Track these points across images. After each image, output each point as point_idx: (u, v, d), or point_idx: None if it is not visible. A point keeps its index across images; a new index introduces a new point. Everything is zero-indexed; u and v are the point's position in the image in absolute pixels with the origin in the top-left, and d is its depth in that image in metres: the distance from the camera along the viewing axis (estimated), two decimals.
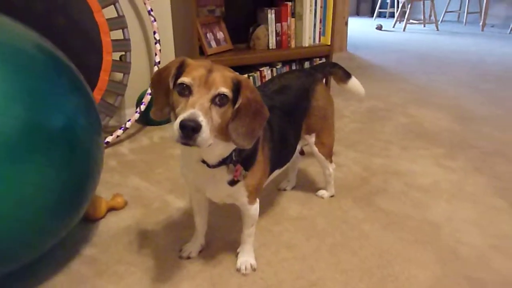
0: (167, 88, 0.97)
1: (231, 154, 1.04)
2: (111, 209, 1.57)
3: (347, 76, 1.63)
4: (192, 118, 0.85)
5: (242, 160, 1.08)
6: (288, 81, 1.42)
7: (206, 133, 0.87)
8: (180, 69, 0.96)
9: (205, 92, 0.90)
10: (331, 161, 1.59)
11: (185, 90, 0.91)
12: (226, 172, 1.07)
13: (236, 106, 0.95)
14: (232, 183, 1.09)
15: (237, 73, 0.99)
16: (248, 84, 0.98)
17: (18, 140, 0.94)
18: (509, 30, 6.69)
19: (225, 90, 0.91)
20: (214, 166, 1.05)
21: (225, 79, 0.93)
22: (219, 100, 0.91)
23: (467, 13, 7.86)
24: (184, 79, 0.92)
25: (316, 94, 1.45)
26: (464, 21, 8.02)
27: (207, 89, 0.91)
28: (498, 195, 1.69)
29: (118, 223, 1.51)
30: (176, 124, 0.86)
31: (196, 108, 0.87)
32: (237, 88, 0.95)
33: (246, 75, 2.42)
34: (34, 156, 0.97)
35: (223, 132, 0.96)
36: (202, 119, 0.86)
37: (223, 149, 1.02)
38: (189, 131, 0.84)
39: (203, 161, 1.05)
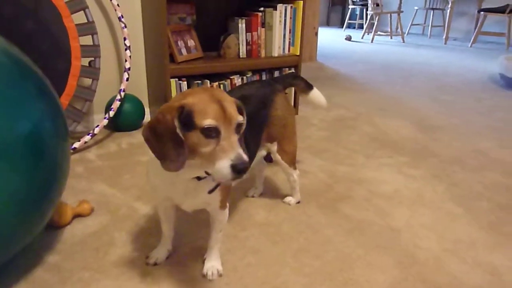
0: (174, 140, 0.94)
1: None
2: (77, 215, 1.56)
3: (309, 87, 1.69)
4: (243, 160, 0.90)
5: None
6: (248, 91, 1.46)
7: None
8: (183, 113, 0.94)
9: (229, 126, 0.95)
10: (295, 168, 1.63)
11: (213, 132, 0.93)
12: (209, 181, 1.09)
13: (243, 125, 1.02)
14: (211, 191, 1.12)
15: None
16: (241, 104, 1.05)
17: None
18: (470, 43, 7.01)
19: (241, 118, 0.98)
20: (202, 178, 1.08)
21: (234, 106, 0.98)
22: (238, 127, 0.97)
23: (432, 26, 8.20)
24: (209, 122, 0.91)
25: (276, 104, 1.50)
26: (429, 34, 8.35)
27: (230, 124, 0.95)
28: (455, 202, 1.78)
29: (84, 229, 1.50)
30: (226, 168, 0.90)
31: (236, 148, 0.92)
32: (240, 109, 1.02)
33: (217, 83, 2.45)
34: None
35: None
36: (245, 156, 0.92)
37: None
38: (243, 171, 0.90)
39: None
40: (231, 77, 2.54)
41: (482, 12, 6.55)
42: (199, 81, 2.40)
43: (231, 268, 1.31)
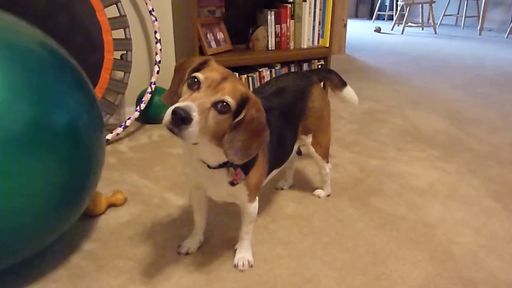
0: (182, 78, 1.01)
1: None
2: (111, 205, 1.60)
3: (343, 84, 1.66)
4: (186, 109, 0.86)
5: (242, 164, 1.08)
6: (285, 83, 1.44)
7: (193, 128, 0.87)
8: (201, 66, 1.00)
9: (211, 94, 0.92)
10: (327, 161, 1.62)
11: (195, 85, 0.94)
12: (226, 174, 1.10)
13: (237, 119, 0.96)
14: (233, 183, 1.12)
15: (250, 91, 1.01)
16: (255, 103, 1.00)
17: (26, 136, 0.97)
18: (506, 34, 6.74)
19: (230, 99, 0.93)
20: (214, 168, 1.08)
21: (235, 90, 0.95)
22: (221, 106, 0.93)
23: (465, 17, 7.93)
24: (198, 74, 0.95)
25: (313, 96, 1.48)
26: (462, 25, 8.08)
27: (214, 92, 0.93)
28: (491, 197, 1.72)
29: (118, 219, 1.53)
30: (170, 109, 0.87)
31: (195, 103, 0.89)
32: (243, 103, 0.97)
33: (245, 76, 2.45)
34: (40, 151, 1.00)
35: (220, 140, 0.97)
36: (195, 114, 0.87)
37: (222, 154, 1.01)
38: (178, 119, 0.86)
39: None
40: (260, 70, 2.53)
41: None
42: None
43: (261, 259, 1.32)
